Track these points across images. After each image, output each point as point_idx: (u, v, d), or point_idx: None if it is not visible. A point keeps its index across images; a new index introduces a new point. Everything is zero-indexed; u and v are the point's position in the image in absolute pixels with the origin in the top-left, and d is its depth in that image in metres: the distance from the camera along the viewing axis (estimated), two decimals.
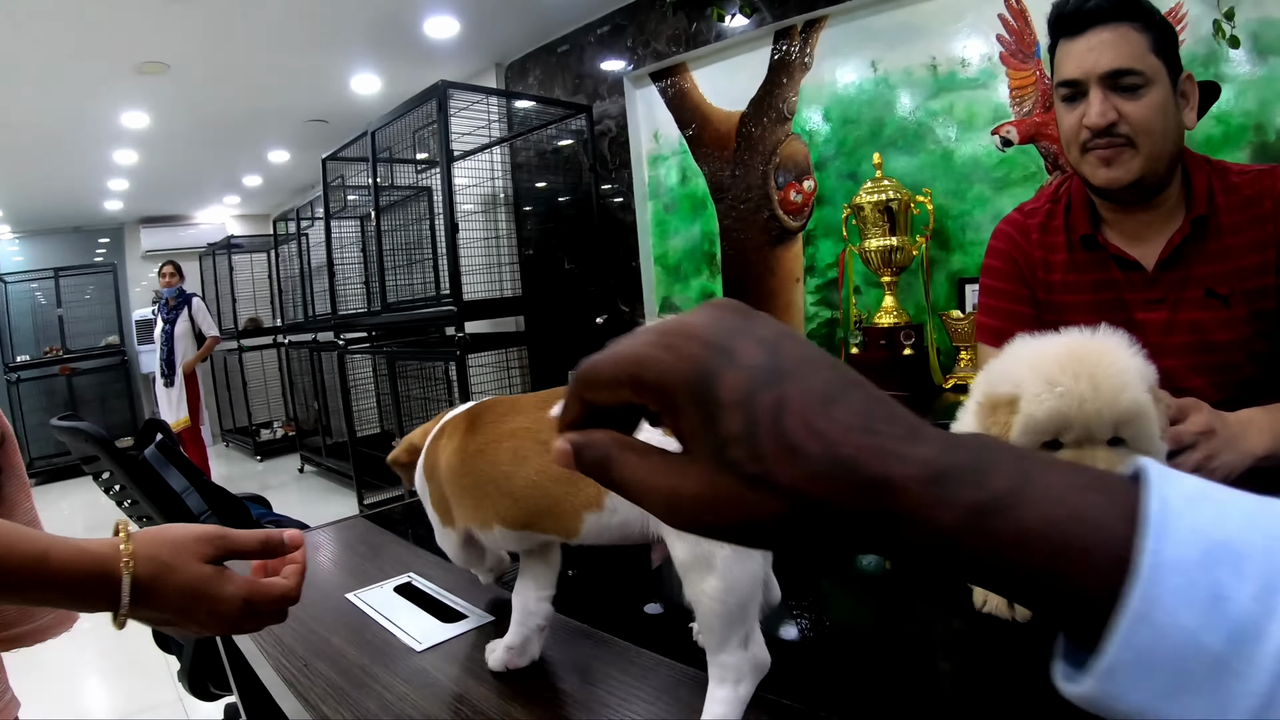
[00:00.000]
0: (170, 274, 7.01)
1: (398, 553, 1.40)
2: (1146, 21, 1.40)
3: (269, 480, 8.04)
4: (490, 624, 1.07)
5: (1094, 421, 0.84)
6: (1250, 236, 1.42)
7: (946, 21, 3.44)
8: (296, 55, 5.03)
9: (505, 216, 5.58)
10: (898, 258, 3.38)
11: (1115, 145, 1.41)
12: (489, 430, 0.97)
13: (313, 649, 1.03)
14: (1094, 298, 1.56)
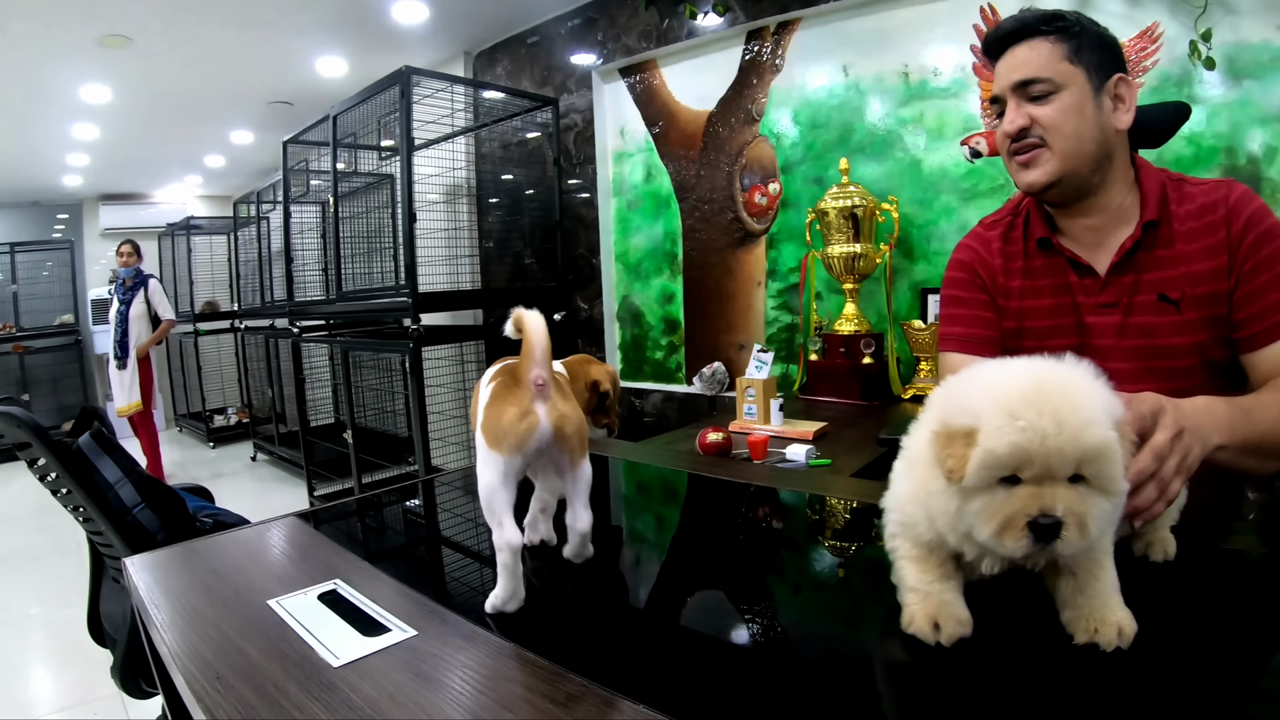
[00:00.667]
0: (128, 253, 6.77)
1: (327, 556, 1.32)
2: (1064, 32, 1.45)
3: (221, 468, 7.77)
4: (412, 639, 0.99)
5: (1055, 459, 0.79)
6: (1204, 243, 1.44)
7: (921, 29, 3.38)
8: (262, 34, 4.85)
9: (467, 208, 5.44)
10: (861, 265, 3.30)
11: (1030, 148, 1.48)
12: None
13: (226, 660, 0.96)
14: (1051, 302, 1.59)
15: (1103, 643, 0.84)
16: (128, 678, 2.02)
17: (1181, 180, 1.52)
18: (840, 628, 1.06)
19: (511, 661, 0.93)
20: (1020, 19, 1.48)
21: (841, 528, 1.49)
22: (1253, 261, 1.40)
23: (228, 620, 1.07)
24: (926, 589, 0.91)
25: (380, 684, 0.88)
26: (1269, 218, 1.42)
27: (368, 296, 4.85)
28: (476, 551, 1.38)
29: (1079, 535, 0.80)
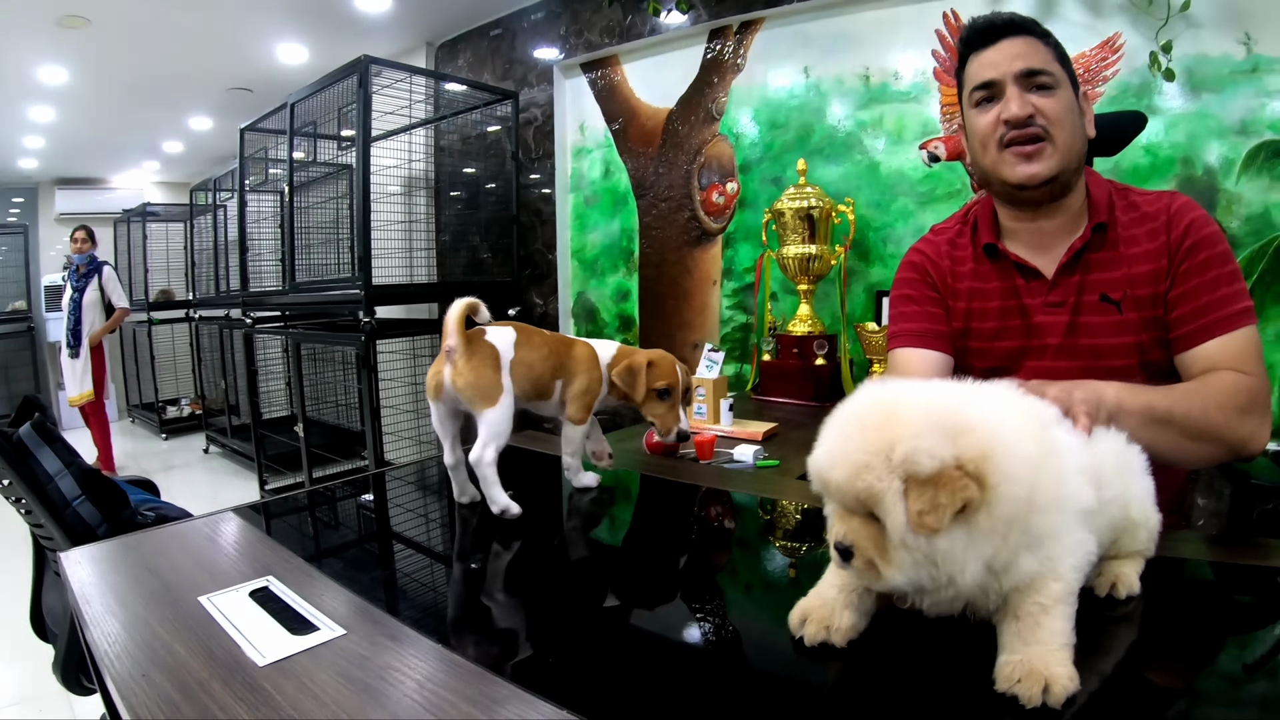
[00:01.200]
0: (82, 239, 6.56)
1: (262, 553, 1.30)
2: (1048, 38, 1.49)
3: (173, 460, 7.55)
4: (340, 638, 0.98)
5: (840, 493, 0.81)
6: (1145, 247, 1.48)
7: (883, 33, 3.34)
8: (223, 18, 4.72)
9: (425, 200, 5.32)
10: (815, 266, 3.24)
11: (1034, 139, 1.46)
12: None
13: (153, 656, 0.94)
14: (999, 304, 1.60)
15: (1023, 697, 0.77)
16: (69, 674, 1.94)
17: (1127, 190, 1.56)
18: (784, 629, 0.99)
19: (438, 663, 0.92)
20: (1014, 16, 1.50)
21: (789, 529, 1.48)
22: (1188, 264, 1.42)
23: (158, 616, 1.05)
24: (824, 591, 0.93)
25: (304, 684, 0.87)
26: (1208, 226, 1.44)
27: (321, 288, 4.72)
28: (411, 555, 1.39)
29: (868, 569, 0.81)
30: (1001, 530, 0.78)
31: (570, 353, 1.61)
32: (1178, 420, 1.26)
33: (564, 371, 1.59)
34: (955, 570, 0.78)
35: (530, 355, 1.54)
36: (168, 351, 9.01)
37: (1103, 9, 2.83)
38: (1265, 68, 2.58)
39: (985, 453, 0.77)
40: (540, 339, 1.58)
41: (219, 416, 7.86)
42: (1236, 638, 0.97)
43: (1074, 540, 0.84)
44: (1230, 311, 1.38)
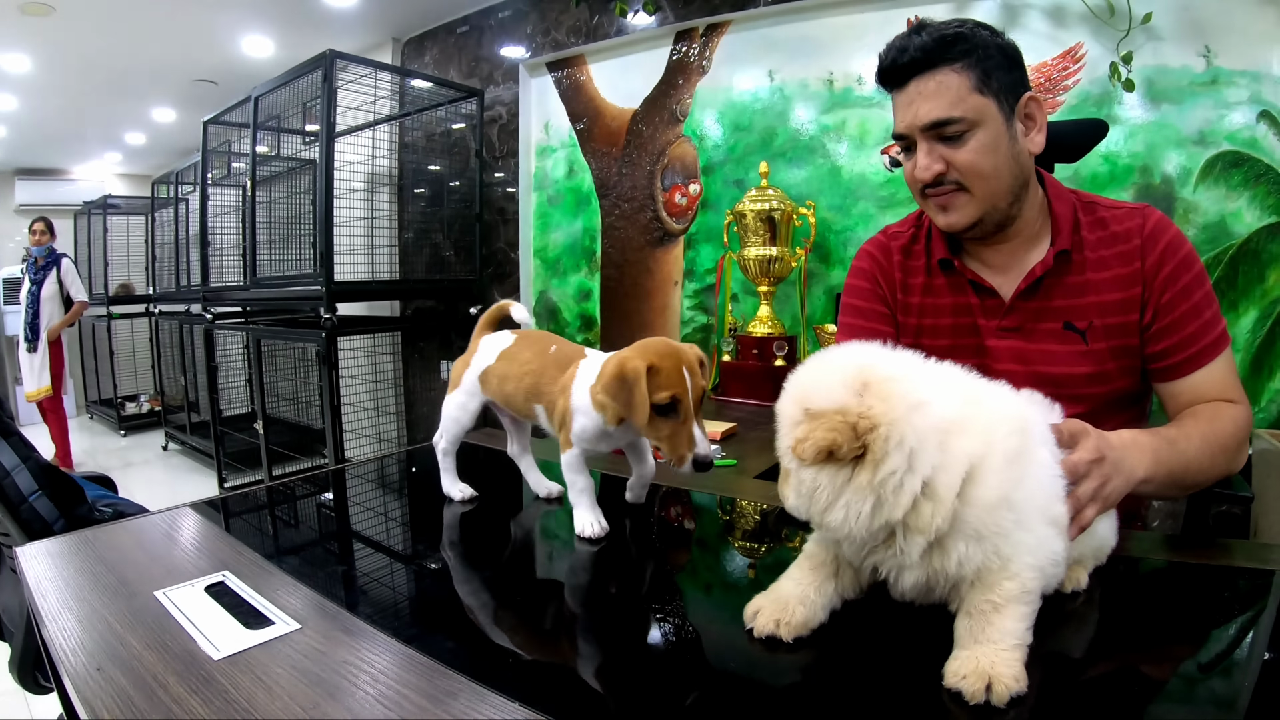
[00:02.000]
0: (41, 231, 6.40)
1: (219, 548, 1.29)
2: (969, 59, 1.31)
3: (131, 456, 7.35)
4: (295, 632, 0.97)
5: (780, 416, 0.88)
6: (1116, 272, 1.39)
7: (848, 38, 3.33)
8: (189, 9, 4.61)
9: (388, 197, 5.24)
10: (776, 268, 3.21)
11: (947, 192, 1.38)
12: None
13: (108, 651, 0.93)
14: (951, 321, 1.53)
15: (966, 693, 0.76)
16: (25, 672, 1.92)
17: (1094, 203, 1.46)
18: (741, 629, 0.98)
19: (392, 657, 0.91)
20: (920, 46, 1.32)
21: (747, 529, 1.46)
22: (1171, 293, 1.36)
23: (113, 611, 1.04)
24: (781, 586, 0.94)
25: (258, 677, 0.87)
26: (1184, 246, 1.38)
27: (283, 284, 4.63)
28: (368, 551, 1.37)
29: (781, 488, 0.87)
30: (887, 497, 0.78)
31: (556, 378, 1.32)
32: (1192, 476, 1.23)
33: (541, 396, 1.34)
34: (824, 506, 0.81)
35: (505, 369, 1.40)
36: (127, 347, 8.81)
37: (1065, 19, 2.83)
38: (1224, 80, 2.59)
39: (878, 419, 0.78)
40: (529, 356, 1.37)
41: (178, 413, 7.66)
42: (1191, 636, 0.96)
43: (1034, 539, 0.83)
44: (1213, 338, 1.35)
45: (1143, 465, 1.11)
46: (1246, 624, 0.99)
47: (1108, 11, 2.71)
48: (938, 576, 0.83)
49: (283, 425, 5.62)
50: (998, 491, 0.80)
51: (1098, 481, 0.99)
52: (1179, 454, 1.19)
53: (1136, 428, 1.49)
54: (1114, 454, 1.03)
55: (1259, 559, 1.16)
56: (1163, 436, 1.20)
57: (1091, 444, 1.00)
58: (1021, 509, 0.82)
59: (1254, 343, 2.59)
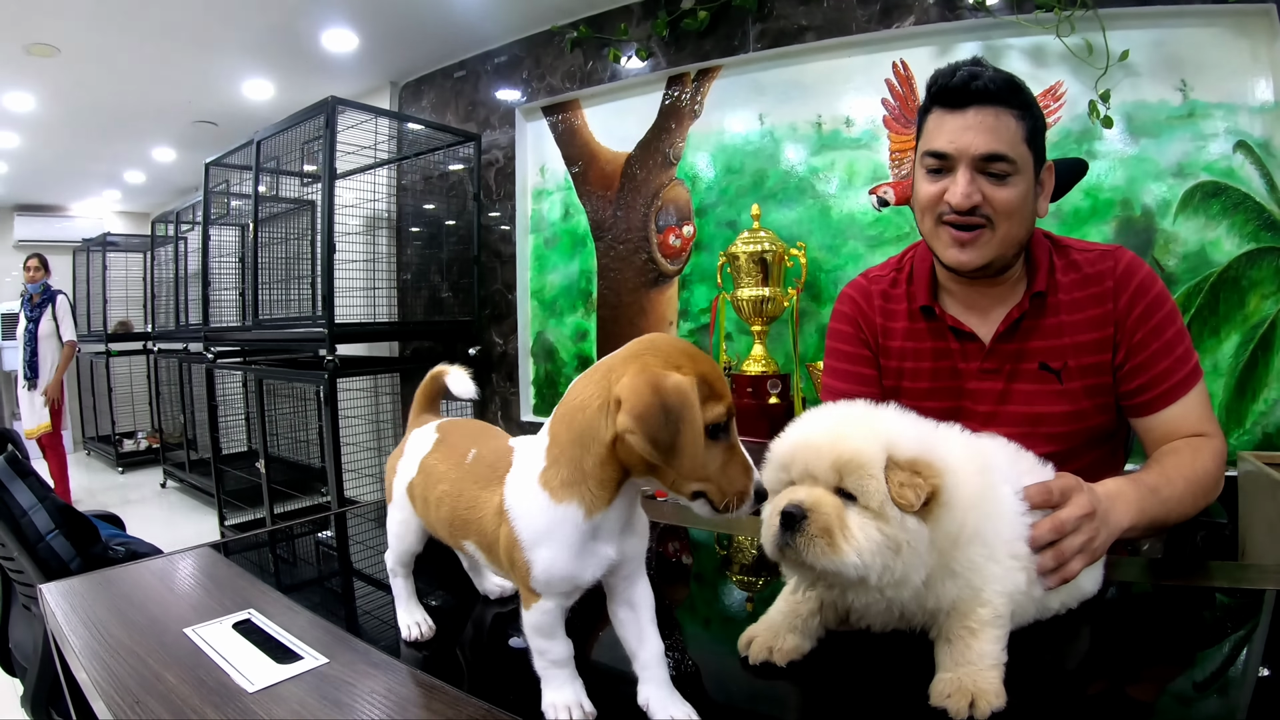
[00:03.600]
0: (35, 268, 6.36)
1: (241, 587, 1.32)
2: (1024, 111, 1.34)
3: (129, 494, 7.36)
4: (324, 665, 1.00)
5: (812, 459, 0.83)
6: (1089, 314, 1.43)
7: (835, 82, 3.41)
8: (191, 53, 4.69)
9: (387, 239, 5.30)
10: (769, 308, 3.27)
11: (974, 227, 1.37)
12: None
13: (145, 685, 0.95)
14: (931, 365, 1.55)
15: (951, 710, 0.80)
16: (38, 707, 1.90)
17: (1068, 247, 1.49)
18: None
19: (418, 688, 0.94)
20: (993, 79, 1.33)
21: (745, 564, 1.50)
22: (1142, 332, 1.39)
23: (145, 648, 1.06)
24: (771, 616, 0.98)
25: (294, 709, 0.89)
26: (1155, 285, 1.41)
27: (284, 325, 4.67)
28: (385, 583, 1.33)
29: (822, 536, 0.80)
30: (940, 548, 0.84)
31: (480, 497, 0.88)
32: (1174, 518, 1.27)
33: (468, 529, 0.90)
34: (913, 563, 0.82)
35: (424, 488, 1.00)
36: (125, 384, 8.84)
37: (1045, 59, 2.91)
38: (1200, 113, 2.67)
39: (942, 469, 0.83)
40: (444, 470, 0.97)
41: (176, 450, 7.68)
42: (1178, 657, 1.00)
43: (1000, 570, 0.89)
44: (1185, 373, 1.39)
45: (1128, 516, 1.14)
46: (1236, 642, 1.04)
47: (1086, 50, 2.78)
48: (914, 612, 0.89)
49: (281, 463, 5.64)
50: (970, 528, 0.86)
51: (1086, 536, 1.01)
52: (1162, 502, 1.22)
53: (1114, 462, 1.57)
54: (1102, 506, 1.06)
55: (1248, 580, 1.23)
56: (1145, 485, 1.23)
57: (1084, 500, 1.03)
58: (990, 542, 0.88)
59: (1237, 367, 2.65)
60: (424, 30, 4.50)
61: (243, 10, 4.12)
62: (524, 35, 4.48)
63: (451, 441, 1.00)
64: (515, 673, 0.97)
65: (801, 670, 0.94)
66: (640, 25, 3.93)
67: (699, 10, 3.65)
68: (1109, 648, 1.02)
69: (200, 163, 5.55)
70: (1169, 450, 1.36)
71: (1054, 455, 1.15)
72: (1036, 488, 1.00)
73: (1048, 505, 1.00)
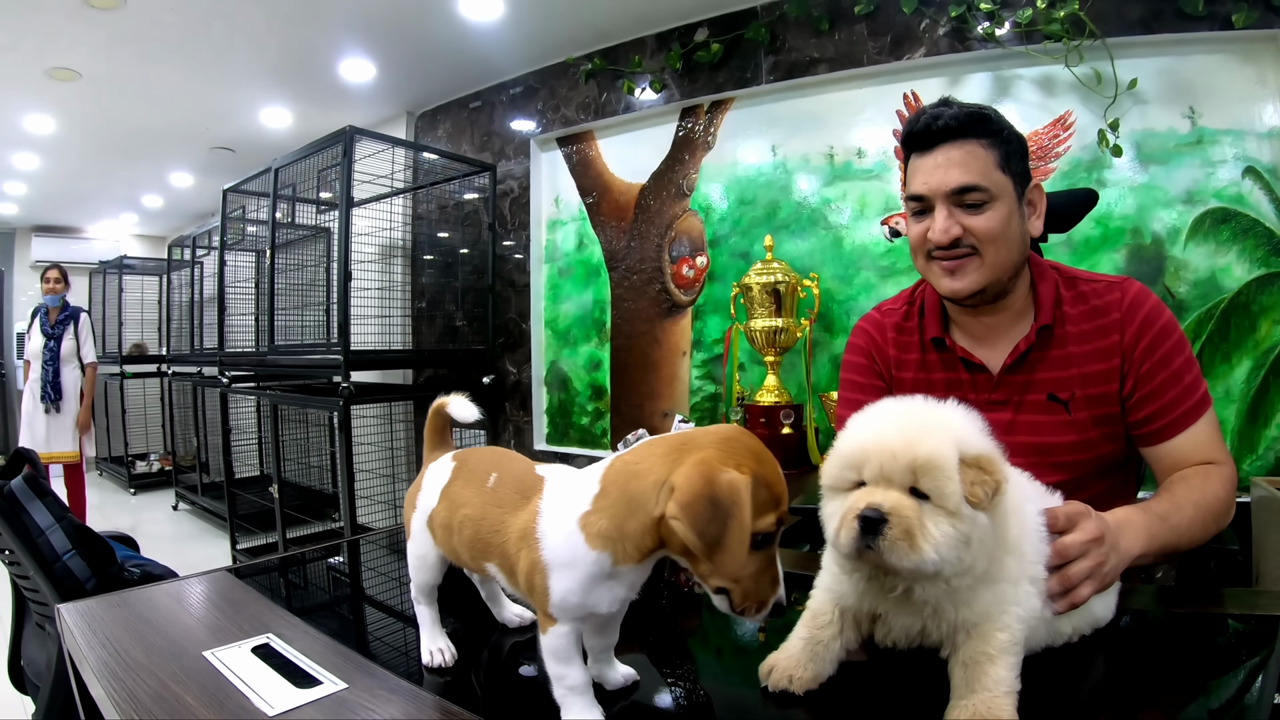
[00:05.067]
0: (56, 279, 5.92)
1: (259, 611, 1.33)
2: (995, 138, 1.40)
3: (141, 515, 7.38)
4: (344, 691, 1.01)
5: (888, 461, 0.84)
6: (1096, 345, 1.45)
7: (847, 113, 3.45)
8: (210, 81, 4.78)
9: (401, 267, 5.36)
10: (782, 339, 3.30)
11: (959, 256, 1.43)
12: None
13: (165, 707, 0.96)
14: (943, 396, 1.53)
15: None
16: None
17: (1075, 279, 1.52)
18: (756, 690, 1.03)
19: (436, 714, 0.95)
20: (954, 116, 1.39)
21: None
22: (1150, 363, 1.41)
23: (165, 670, 1.07)
24: (790, 645, 0.98)
25: None
26: (1163, 315, 1.43)
27: (300, 351, 4.73)
28: (400, 610, 1.39)
29: (904, 539, 0.82)
30: (998, 537, 0.86)
31: (505, 521, 0.93)
32: (1184, 546, 1.27)
33: (490, 552, 0.95)
34: (980, 554, 0.85)
35: (447, 515, 1.04)
36: (139, 405, 8.92)
37: (1054, 88, 2.95)
38: (1209, 139, 2.71)
39: (1000, 459, 0.87)
40: (467, 495, 1.01)
41: (189, 473, 7.73)
42: (1188, 683, 1.01)
43: (1022, 591, 0.91)
44: (1193, 402, 1.40)
45: (1138, 544, 1.16)
46: (1250, 670, 1.05)
47: (1095, 80, 2.81)
48: (943, 624, 0.90)
49: (294, 488, 5.67)
50: (1013, 535, 0.90)
51: (1094, 561, 1.02)
52: (1172, 529, 1.24)
53: (1125, 491, 1.59)
54: (1110, 534, 1.07)
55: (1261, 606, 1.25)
56: (1154, 513, 1.24)
57: (1090, 525, 1.04)
58: (1023, 557, 0.92)
59: (1249, 392, 2.67)
60: (440, 61, 4.57)
61: (262, 39, 4.19)
62: (539, 67, 4.55)
63: (470, 467, 1.04)
64: (534, 701, 0.99)
65: (819, 698, 0.96)
66: (654, 57, 4.00)
67: (712, 42, 3.72)
68: (1121, 675, 1.04)
69: (217, 188, 5.64)
70: (1178, 478, 1.38)
71: (1063, 484, 1.17)
72: (1045, 511, 1.03)
73: (1054, 530, 1.02)
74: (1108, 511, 1.15)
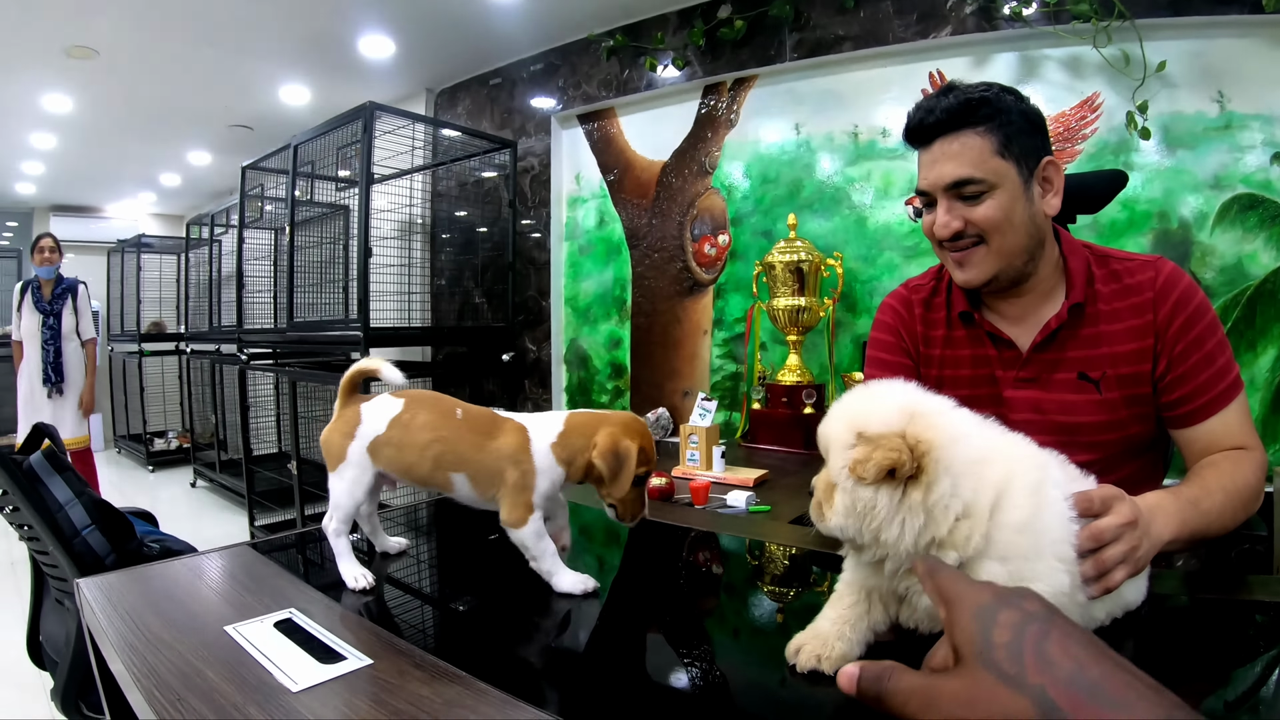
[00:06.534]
0: (50, 248, 5.46)
1: (281, 586, 1.32)
2: (991, 123, 1.39)
3: (159, 492, 7.49)
4: (368, 667, 1.00)
5: (820, 444, 0.96)
6: (1129, 324, 1.44)
7: (872, 91, 3.44)
8: (228, 58, 4.79)
9: (421, 244, 5.38)
10: (805, 318, 3.31)
11: (965, 247, 1.44)
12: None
13: (186, 682, 0.96)
14: (970, 373, 1.58)
15: None
16: (68, 701, 1.93)
17: (1107, 257, 1.51)
18: (776, 671, 1.03)
19: (464, 690, 0.94)
20: (946, 108, 1.40)
21: (779, 574, 1.51)
22: (1184, 344, 1.40)
23: (186, 644, 1.06)
24: (819, 625, 0.99)
25: (340, 709, 0.89)
26: (1196, 295, 1.42)
27: (319, 328, 4.75)
28: (421, 587, 1.39)
29: (815, 509, 0.94)
30: (938, 516, 0.86)
31: (484, 444, 1.28)
32: (1214, 531, 1.27)
33: (465, 464, 1.28)
34: (879, 525, 0.87)
35: (402, 437, 1.31)
36: (157, 383, 9.00)
37: (1082, 70, 2.93)
38: (1237, 124, 2.69)
39: (932, 441, 0.86)
40: (429, 420, 1.31)
41: (207, 451, 7.80)
42: (1218, 671, 1.01)
43: (1045, 568, 0.90)
44: (1226, 385, 1.40)
45: (1169, 529, 1.15)
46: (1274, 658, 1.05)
47: (1123, 61, 2.80)
48: None
49: (313, 466, 5.70)
50: (1023, 515, 0.89)
51: (1128, 546, 1.01)
52: (1202, 514, 1.23)
53: (1154, 475, 1.58)
54: (1144, 519, 1.05)
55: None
56: (1185, 498, 1.23)
57: (1125, 509, 1.02)
58: (1039, 536, 0.90)
59: (1274, 381, 2.66)
60: (460, 38, 4.57)
61: (281, 16, 4.20)
62: (560, 43, 4.55)
63: (426, 403, 1.34)
64: (562, 677, 1.01)
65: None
66: (676, 34, 3.99)
67: (735, 19, 3.71)
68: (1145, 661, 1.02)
69: (235, 166, 5.66)
70: (1209, 463, 1.38)
71: (1092, 465, 1.15)
72: (1078, 495, 1.00)
73: (1088, 514, 1.00)
74: (1138, 496, 1.13)
